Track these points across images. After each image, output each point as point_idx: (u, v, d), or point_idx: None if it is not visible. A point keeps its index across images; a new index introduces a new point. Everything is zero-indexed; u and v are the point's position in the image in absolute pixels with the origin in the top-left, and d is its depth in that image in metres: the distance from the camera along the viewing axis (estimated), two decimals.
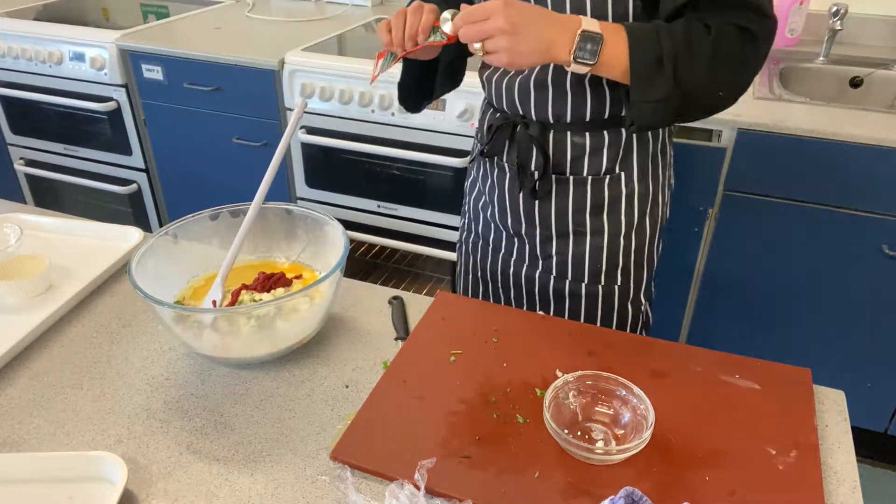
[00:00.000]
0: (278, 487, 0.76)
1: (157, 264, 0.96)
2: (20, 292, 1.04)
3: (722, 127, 1.68)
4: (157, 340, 0.99)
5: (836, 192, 1.66)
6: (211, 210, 1.03)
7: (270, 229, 1.05)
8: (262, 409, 0.87)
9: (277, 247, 1.07)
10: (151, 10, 2.67)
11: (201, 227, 1.02)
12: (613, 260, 1.16)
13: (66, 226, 1.22)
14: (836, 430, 0.83)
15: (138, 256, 0.93)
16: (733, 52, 0.91)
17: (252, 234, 0.99)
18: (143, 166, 2.46)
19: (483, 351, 0.94)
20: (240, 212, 1.03)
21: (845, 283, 1.75)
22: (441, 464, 0.76)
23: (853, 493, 0.75)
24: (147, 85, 2.28)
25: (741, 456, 0.78)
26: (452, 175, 2.00)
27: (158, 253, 0.97)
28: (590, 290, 1.17)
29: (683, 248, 1.85)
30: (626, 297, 1.19)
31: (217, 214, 1.03)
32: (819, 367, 0.97)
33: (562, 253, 1.17)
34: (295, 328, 0.92)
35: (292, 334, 0.92)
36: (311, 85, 2.02)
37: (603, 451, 0.76)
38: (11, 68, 2.43)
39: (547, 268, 1.19)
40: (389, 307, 1.05)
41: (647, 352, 0.94)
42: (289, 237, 1.06)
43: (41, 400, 0.88)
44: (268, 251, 1.08)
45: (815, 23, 2.13)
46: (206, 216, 1.02)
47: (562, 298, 1.20)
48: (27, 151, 2.65)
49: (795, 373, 0.90)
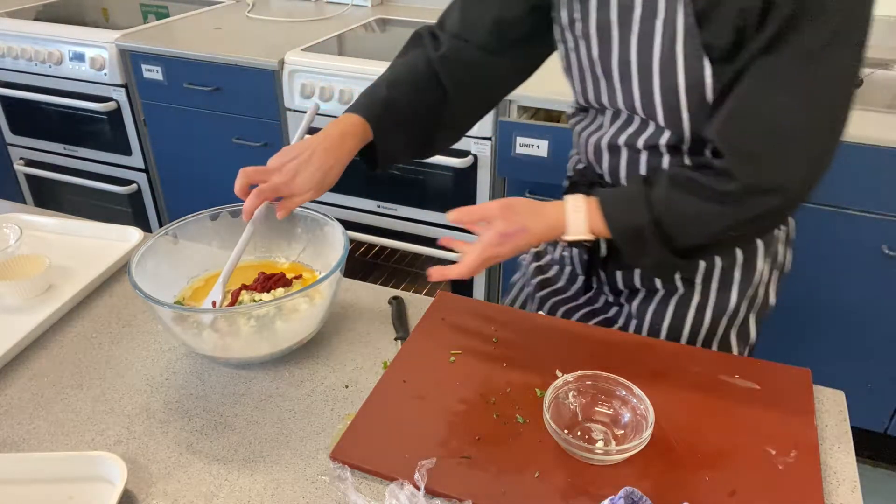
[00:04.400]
0: (278, 487, 0.76)
1: (157, 264, 0.96)
2: (20, 292, 1.04)
3: None
4: (157, 340, 0.99)
5: (836, 192, 1.66)
6: (211, 210, 1.03)
7: (270, 229, 1.05)
8: (262, 409, 0.87)
9: (277, 247, 1.08)
10: (151, 10, 2.66)
11: (201, 227, 1.02)
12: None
13: (66, 226, 1.22)
14: (836, 430, 0.83)
15: (138, 257, 0.93)
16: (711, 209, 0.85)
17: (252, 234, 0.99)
18: (143, 166, 2.46)
19: (483, 351, 0.94)
20: (239, 212, 1.03)
21: (845, 283, 1.75)
22: (441, 464, 0.76)
23: (853, 493, 0.75)
24: (147, 85, 2.28)
25: (741, 456, 0.78)
26: (452, 175, 1.99)
27: (159, 253, 0.97)
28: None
29: None
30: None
31: (217, 215, 1.03)
32: (819, 367, 0.97)
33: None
34: (295, 328, 0.92)
35: (292, 334, 0.92)
36: (310, 85, 2.02)
37: (603, 451, 0.76)
38: (11, 68, 2.43)
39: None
40: (389, 307, 1.05)
41: (647, 352, 0.94)
42: (289, 237, 1.06)
43: (41, 400, 0.88)
44: (267, 251, 1.08)
45: None
46: (206, 216, 1.02)
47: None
48: (27, 151, 2.65)
49: (795, 373, 0.90)
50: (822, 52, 0.75)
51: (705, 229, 0.87)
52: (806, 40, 0.75)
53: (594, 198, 0.89)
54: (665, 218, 0.85)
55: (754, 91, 0.79)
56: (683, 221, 0.86)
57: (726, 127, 0.82)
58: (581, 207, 0.89)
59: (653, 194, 0.86)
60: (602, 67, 0.92)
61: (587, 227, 0.89)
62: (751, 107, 0.80)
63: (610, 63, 0.91)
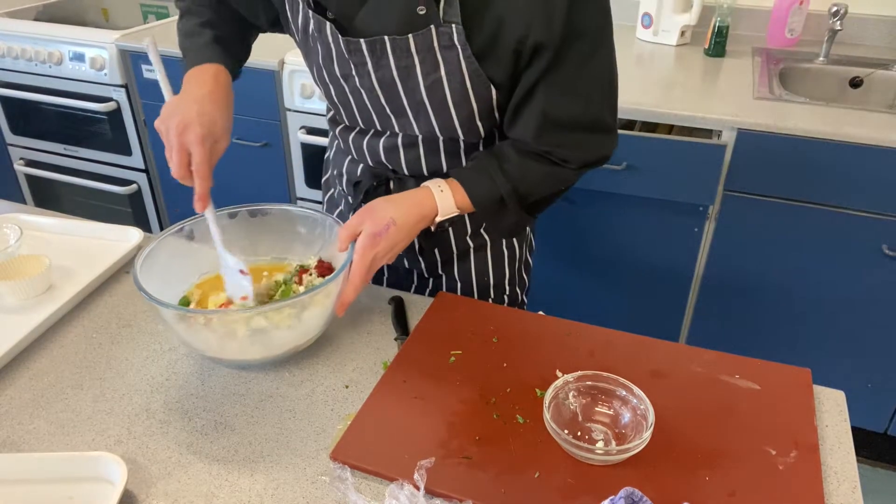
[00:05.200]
0: (278, 487, 0.76)
1: (167, 261, 0.95)
2: (20, 292, 1.03)
3: (721, 127, 1.68)
4: (157, 340, 0.99)
5: (836, 192, 1.66)
6: (230, 208, 1.02)
7: (286, 231, 1.04)
8: (262, 410, 0.87)
9: (292, 250, 1.06)
10: (151, 10, 2.67)
11: (205, 228, 1.01)
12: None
13: (66, 226, 1.22)
14: (836, 430, 0.83)
15: (144, 255, 0.92)
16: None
17: (268, 235, 1.03)
18: (142, 166, 2.46)
19: (483, 351, 0.94)
20: (257, 212, 1.04)
21: (845, 283, 1.75)
22: (441, 464, 0.76)
23: (853, 493, 0.75)
24: (147, 85, 2.28)
25: (741, 456, 0.78)
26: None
27: (168, 251, 0.96)
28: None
29: (683, 247, 1.85)
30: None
31: (235, 213, 1.03)
32: (819, 367, 0.97)
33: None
34: (293, 334, 0.91)
35: (315, 324, 0.92)
36: (310, 85, 2.02)
37: (603, 451, 0.76)
38: (11, 68, 2.43)
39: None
40: (389, 307, 1.05)
41: (647, 352, 0.94)
42: (303, 240, 1.05)
43: (41, 400, 0.88)
44: (282, 254, 1.06)
45: (815, 23, 2.13)
46: (225, 214, 1.01)
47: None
48: (27, 151, 2.65)
49: (795, 373, 0.90)
50: (590, 60, 0.90)
51: (553, 187, 1.03)
52: (576, 56, 0.89)
53: (451, 179, 0.99)
54: (520, 184, 0.99)
55: (550, 103, 0.92)
56: (536, 182, 1.00)
57: (540, 135, 0.94)
58: (445, 187, 0.98)
59: (506, 166, 0.98)
60: (392, 109, 0.98)
61: (454, 204, 0.98)
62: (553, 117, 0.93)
63: (402, 105, 0.97)
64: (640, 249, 1.90)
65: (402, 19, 0.87)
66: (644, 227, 1.86)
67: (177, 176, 0.91)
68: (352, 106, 1.02)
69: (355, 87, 0.97)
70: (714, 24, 2.03)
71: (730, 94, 1.78)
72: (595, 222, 1.91)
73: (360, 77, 0.95)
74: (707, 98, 1.78)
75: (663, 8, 2.11)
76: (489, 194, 0.98)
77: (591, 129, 0.96)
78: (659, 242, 1.87)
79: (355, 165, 1.13)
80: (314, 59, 0.99)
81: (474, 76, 0.91)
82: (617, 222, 1.89)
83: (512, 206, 1.00)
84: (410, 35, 0.88)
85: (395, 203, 0.96)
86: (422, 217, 0.97)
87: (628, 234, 1.90)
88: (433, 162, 1.05)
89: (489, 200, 0.99)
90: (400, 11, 0.86)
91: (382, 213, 0.93)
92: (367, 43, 0.90)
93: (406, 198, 0.97)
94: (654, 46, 2.17)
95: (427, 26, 0.87)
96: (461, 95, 0.93)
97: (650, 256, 1.90)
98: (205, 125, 0.90)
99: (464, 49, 0.88)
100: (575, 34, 0.87)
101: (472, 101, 0.94)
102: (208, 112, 0.92)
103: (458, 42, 0.87)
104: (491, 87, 0.92)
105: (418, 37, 0.88)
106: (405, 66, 0.91)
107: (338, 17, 0.91)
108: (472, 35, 0.87)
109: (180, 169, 0.90)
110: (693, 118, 1.68)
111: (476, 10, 0.86)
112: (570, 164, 0.98)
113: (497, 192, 0.98)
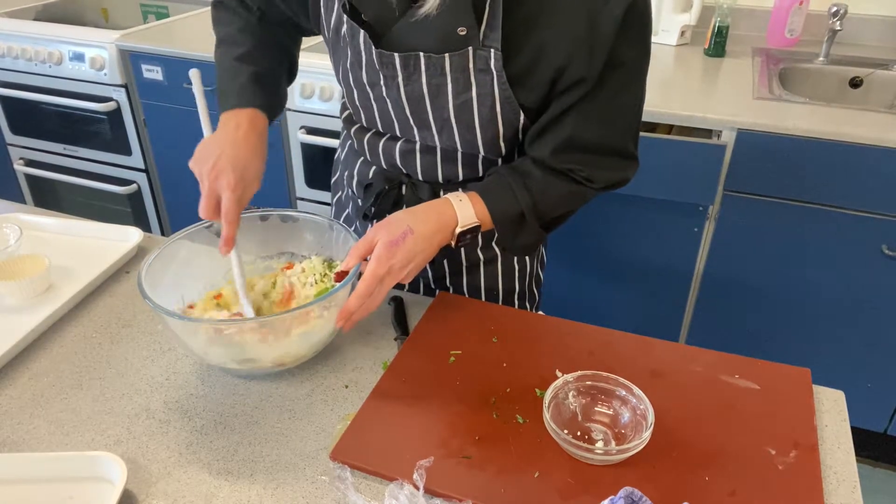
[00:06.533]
0: (278, 487, 0.76)
1: (176, 267, 0.94)
2: (20, 292, 1.03)
3: (721, 127, 1.68)
4: (157, 340, 0.99)
5: (836, 192, 1.66)
6: (261, 211, 1.01)
7: (289, 237, 1.03)
8: (262, 410, 0.87)
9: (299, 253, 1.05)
10: (151, 10, 2.67)
11: (208, 235, 0.99)
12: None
13: (66, 226, 1.22)
14: (836, 430, 0.83)
15: (151, 258, 0.91)
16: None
17: (277, 240, 1.02)
18: (142, 166, 2.46)
19: (483, 351, 0.94)
20: (288, 217, 1.03)
21: (845, 283, 1.76)
22: (441, 464, 0.76)
23: (853, 493, 0.75)
24: (147, 85, 2.28)
25: (741, 456, 0.78)
26: None
27: (177, 256, 0.95)
28: None
29: (683, 247, 1.85)
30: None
31: (267, 216, 1.01)
32: (819, 367, 0.97)
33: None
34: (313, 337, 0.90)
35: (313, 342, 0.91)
36: (311, 85, 2.02)
37: (603, 451, 0.76)
38: (11, 68, 2.43)
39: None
40: (389, 307, 1.05)
41: (647, 352, 0.94)
42: (311, 245, 1.04)
43: (41, 400, 0.88)
44: (291, 258, 1.05)
45: (815, 23, 2.13)
46: (257, 216, 1.00)
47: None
48: (27, 151, 2.65)
49: (795, 373, 0.90)
50: (624, 91, 0.91)
51: (573, 205, 1.02)
52: (612, 86, 0.89)
53: (471, 192, 0.97)
54: (542, 201, 0.97)
55: (578, 128, 0.92)
56: (557, 200, 0.99)
57: (561, 154, 0.94)
58: (464, 198, 0.96)
59: (529, 182, 0.96)
60: (416, 121, 0.98)
61: (475, 214, 0.95)
62: (578, 141, 0.93)
63: (427, 119, 0.96)
64: (640, 249, 1.91)
65: (440, 37, 0.86)
66: (644, 226, 1.86)
67: (204, 216, 0.91)
68: (373, 111, 1.01)
69: (381, 95, 0.96)
70: (714, 24, 2.03)
71: (730, 95, 1.78)
72: (595, 222, 1.91)
73: (388, 88, 0.94)
74: (707, 98, 1.79)
75: (663, 8, 2.11)
76: (509, 209, 0.96)
77: (612, 154, 0.96)
78: (659, 242, 1.87)
79: (367, 167, 1.12)
80: (341, 61, 0.98)
81: (505, 102, 0.90)
82: (617, 222, 1.89)
83: (531, 223, 0.98)
84: (447, 54, 0.87)
85: (412, 212, 0.93)
86: (440, 226, 0.93)
87: (628, 233, 1.90)
88: (449, 169, 1.03)
89: (509, 215, 0.97)
90: (439, 29, 0.85)
91: (398, 223, 0.90)
92: (400, 57, 0.89)
93: (423, 207, 0.95)
94: (654, 46, 2.15)
95: (465, 47, 0.86)
96: (489, 118, 0.93)
97: (650, 256, 1.90)
98: (237, 170, 0.90)
99: (499, 75, 0.87)
100: (613, 65, 0.87)
101: (500, 125, 0.94)
102: (242, 157, 0.92)
103: (495, 68, 0.87)
104: (520, 112, 0.92)
105: (454, 57, 0.87)
106: (437, 83, 0.90)
107: (373, 24, 0.90)
108: (509, 61, 0.87)
109: (208, 211, 0.90)
110: (693, 118, 1.68)
111: (517, 36, 0.85)
112: (594, 183, 0.97)
113: (517, 208, 0.96)
